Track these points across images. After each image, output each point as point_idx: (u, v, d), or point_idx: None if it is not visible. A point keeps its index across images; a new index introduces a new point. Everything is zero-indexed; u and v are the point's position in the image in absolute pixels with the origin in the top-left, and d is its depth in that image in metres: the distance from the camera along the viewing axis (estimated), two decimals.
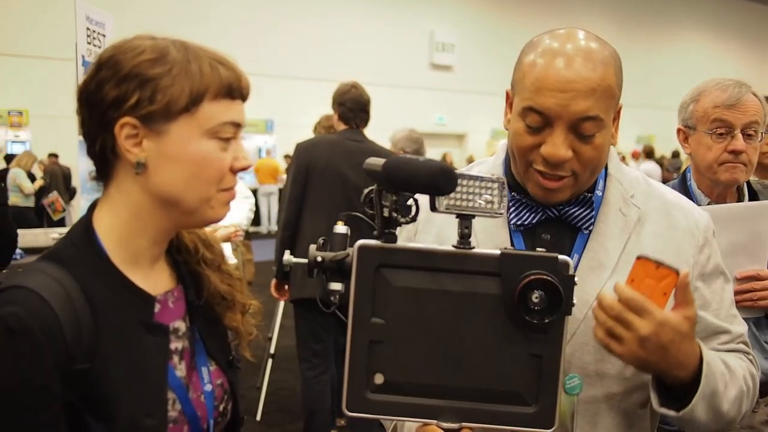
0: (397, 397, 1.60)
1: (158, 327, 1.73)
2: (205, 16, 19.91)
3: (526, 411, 1.61)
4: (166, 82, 1.63)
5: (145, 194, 1.69)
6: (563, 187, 1.91)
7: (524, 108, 1.88)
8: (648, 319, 1.70)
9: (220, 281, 1.95)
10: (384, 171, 1.51)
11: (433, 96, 24.35)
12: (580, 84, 1.82)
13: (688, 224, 2.04)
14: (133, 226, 1.72)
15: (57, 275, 1.60)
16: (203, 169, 1.68)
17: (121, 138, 1.64)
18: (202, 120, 1.66)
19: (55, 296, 1.55)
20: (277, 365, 7.48)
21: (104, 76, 1.65)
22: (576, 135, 1.85)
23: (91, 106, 1.68)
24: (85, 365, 1.56)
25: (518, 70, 1.95)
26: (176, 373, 1.75)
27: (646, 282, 1.72)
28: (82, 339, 1.56)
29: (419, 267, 1.59)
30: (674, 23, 30.38)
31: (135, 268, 1.73)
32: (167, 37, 1.72)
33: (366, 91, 6.05)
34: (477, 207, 1.59)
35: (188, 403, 1.75)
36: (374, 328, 1.59)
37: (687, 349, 1.77)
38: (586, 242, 2.00)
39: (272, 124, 20.75)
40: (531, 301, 1.55)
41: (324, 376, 5.89)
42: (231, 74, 1.72)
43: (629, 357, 1.74)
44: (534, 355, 1.60)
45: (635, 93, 26.79)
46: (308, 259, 1.65)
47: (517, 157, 1.95)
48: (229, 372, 1.93)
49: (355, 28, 23.01)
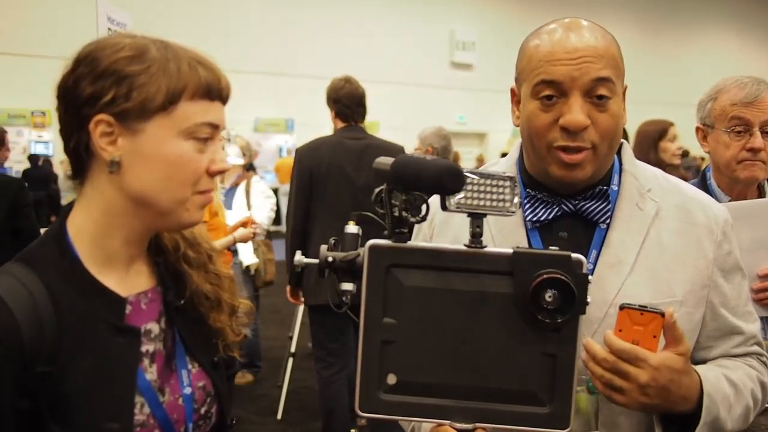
0: (410, 397, 1.59)
1: (128, 329, 1.70)
2: (225, 15, 19.97)
3: (541, 411, 1.59)
4: (143, 79, 1.62)
5: (118, 194, 1.68)
6: (584, 162, 1.90)
7: (536, 84, 1.90)
8: (644, 367, 1.71)
9: (204, 281, 1.92)
10: (393, 170, 1.50)
11: (454, 95, 24.33)
12: (588, 50, 1.87)
13: (707, 219, 2.02)
14: (105, 226, 1.70)
15: (23, 277, 1.60)
16: (178, 170, 1.66)
17: (95, 135, 1.63)
18: (178, 119, 1.65)
19: (16, 298, 1.54)
20: (297, 364, 7.48)
21: (81, 73, 1.64)
22: (591, 102, 1.87)
23: (67, 103, 1.67)
24: (47, 368, 1.54)
25: (522, 59, 1.99)
26: (146, 376, 1.73)
27: (635, 329, 1.73)
28: (44, 341, 1.54)
29: (431, 266, 1.58)
30: (696, 21, 30.23)
31: (108, 269, 1.72)
32: (147, 35, 1.71)
33: (360, 85, 5.95)
34: (488, 205, 1.57)
35: (159, 407, 1.72)
36: (386, 329, 1.58)
37: (687, 383, 1.79)
38: (604, 237, 1.99)
39: (293, 123, 20.78)
40: (544, 300, 1.53)
41: (340, 374, 5.88)
42: (210, 75, 1.70)
43: (633, 405, 1.76)
44: (548, 355, 1.58)
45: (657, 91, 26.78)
46: (319, 259, 1.64)
47: (535, 141, 1.95)
48: (213, 373, 1.90)
49: (375, 27, 23.02)
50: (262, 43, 19.45)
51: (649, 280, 1.94)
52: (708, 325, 2.01)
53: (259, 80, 18.90)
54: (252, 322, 2.03)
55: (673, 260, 1.97)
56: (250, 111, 19.49)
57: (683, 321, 1.92)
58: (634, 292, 1.92)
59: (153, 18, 15.92)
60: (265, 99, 19.13)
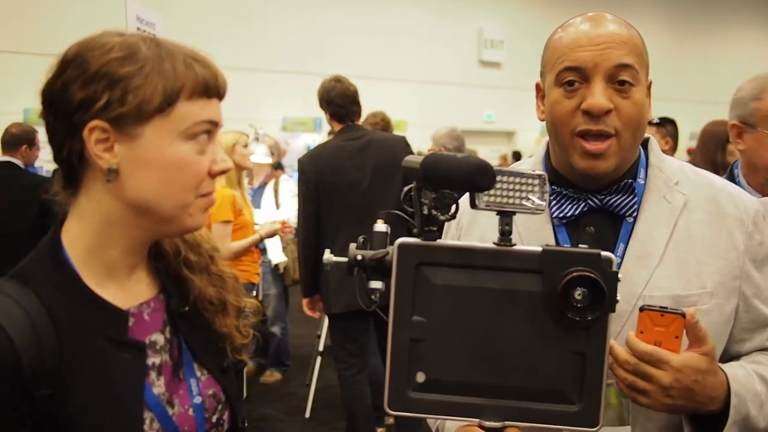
0: (439, 395, 1.59)
1: (132, 344, 1.62)
2: (252, 15, 19.99)
3: (570, 410, 1.59)
4: (138, 81, 1.53)
5: (116, 202, 1.59)
6: (608, 152, 1.91)
7: (559, 71, 1.93)
8: (666, 369, 1.70)
9: (207, 284, 1.85)
10: (422, 169, 1.50)
11: (482, 93, 24.25)
12: (612, 37, 1.91)
13: (737, 211, 2.01)
14: (104, 237, 1.62)
15: (17, 295, 1.51)
16: (180, 174, 1.59)
17: (90, 143, 1.54)
18: (177, 121, 1.57)
19: (11, 320, 1.45)
20: (326, 362, 7.48)
21: (70, 76, 1.54)
22: (614, 87, 1.89)
23: (57, 109, 1.57)
24: (48, 391, 1.46)
25: (547, 52, 2.02)
26: (153, 390, 1.65)
27: (656, 330, 1.71)
28: (45, 363, 1.46)
29: (460, 265, 1.58)
30: (726, 17, 30.02)
31: (108, 281, 1.64)
32: (136, 33, 1.63)
33: (351, 83, 5.86)
34: (517, 203, 1.57)
35: (168, 421, 1.66)
36: (415, 327, 1.58)
37: (713, 383, 1.76)
38: (631, 231, 1.99)
39: (320, 122, 20.77)
40: (573, 298, 1.53)
41: (361, 375, 5.88)
42: (207, 72, 1.62)
43: (658, 407, 1.75)
44: (577, 353, 1.58)
45: (687, 90, 26.63)
46: (348, 257, 1.64)
47: (559, 127, 1.96)
48: (222, 379, 1.83)
49: (403, 26, 23.00)
50: (290, 43, 19.45)
51: (678, 271, 1.94)
52: (741, 317, 1.99)
53: (286, 79, 18.91)
54: (283, 316, 1.97)
55: (702, 252, 1.96)
56: (278, 110, 19.49)
57: (714, 312, 1.93)
58: (663, 284, 1.92)
59: (180, 18, 16.00)
60: (293, 98, 19.11)
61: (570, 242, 1.99)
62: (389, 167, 5.58)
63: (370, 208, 5.46)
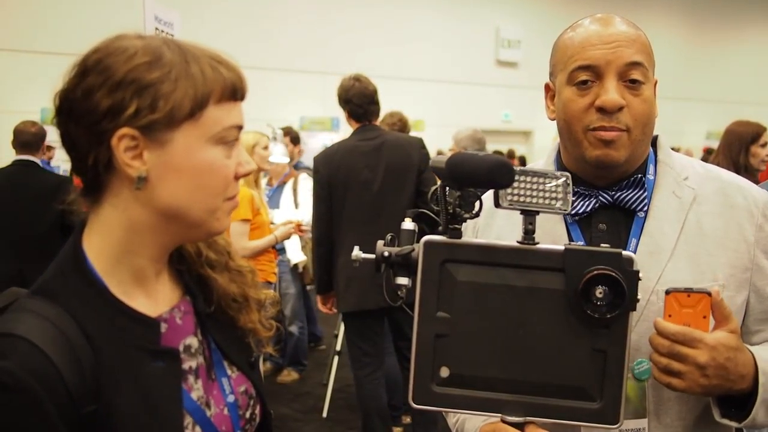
0: (462, 390, 1.63)
1: (166, 352, 1.60)
2: (271, 15, 20.00)
3: (591, 406, 1.62)
4: (167, 87, 1.49)
5: (145, 209, 1.56)
6: (619, 142, 1.94)
7: (572, 70, 1.97)
8: (701, 347, 1.71)
9: (229, 281, 1.84)
10: (447, 167, 1.54)
11: (499, 93, 24.20)
12: (622, 36, 1.95)
13: (746, 203, 2.03)
14: (130, 245, 1.58)
15: (49, 313, 1.47)
16: (210, 179, 1.56)
17: (119, 151, 1.49)
18: (206, 125, 1.54)
19: (48, 340, 1.42)
20: (343, 362, 7.49)
21: (93, 83, 1.49)
22: (625, 84, 1.93)
23: (79, 117, 1.51)
24: (92, 407, 1.44)
25: (556, 52, 2.07)
26: (192, 395, 1.64)
27: (684, 312, 1.73)
28: (86, 380, 1.44)
29: (484, 262, 1.61)
30: (742, 16, 29.85)
31: (135, 288, 1.61)
32: (155, 36, 1.59)
33: (371, 82, 5.80)
34: (540, 203, 1.61)
35: (208, 424, 1.65)
36: (440, 322, 1.62)
37: (743, 360, 1.78)
38: (643, 226, 2.01)
39: (338, 122, 20.76)
40: (594, 296, 1.56)
41: (376, 374, 5.86)
42: (233, 75, 1.60)
43: (694, 388, 1.75)
44: (598, 351, 1.61)
45: (703, 89, 26.52)
46: (375, 254, 1.67)
47: (572, 126, 1.99)
48: (251, 375, 1.83)
49: (420, 26, 22.98)
50: (307, 42, 19.46)
51: (689, 265, 1.96)
52: (754, 309, 2.01)
53: (304, 79, 18.91)
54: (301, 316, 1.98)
55: (713, 244, 1.98)
56: (296, 109, 19.51)
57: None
58: (675, 278, 1.93)
59: (199, 18, 16.03)
60: (310, 98, 19.12)
61: (583, 239, 2.01)
62: (402, 168, 5.58)
63: (380, 209, 5.50)
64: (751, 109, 24.05)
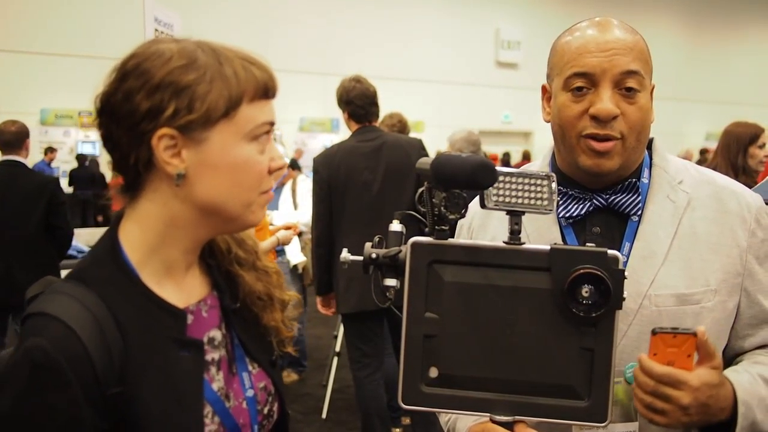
0: (451, 390, 1.63)
1: (191, 342, 1.66)
2: (270, 15, 20.04)
3: (579, 405, 1.63)
4: (203, 88, 1.57)
5: (184, 205, 1.63)
6: (613, 152, 1.94)
7: (568, 77, 1.96)
8: (684, 389, 1.71)
9: (255, 280, 1.90)
10: (432, 169, 1.55)
11: (499, 94, 24.25)
12: (619, 43, 1.94)
13: (739, 208, 2.03)
14: (167, 238, 1.66)
15: (82, 297, 1.55)
16: (245, 174, 1.63)
17: (159, 150, 1.57)
18: (240, 124, 1.61)
19: (81, 322, 1.50)
20: (342, 363, 7.49)
21: (132, 86, 1.57)
22: (620, 93, 1.93)
23: (120, 119, 1.60)
24: (118, 389, 1.51)
25: (554, 56, 2.05)
26: (213, 386, 1.70)
27: (669, 351, 1.72)
28: (113, 363, 1.51)
29: (471, 262, 1.62)
30: (742, 17, 29.86)
31: (166, 279, 1.68)
32: (189, 39, 1.67)
33: (371, 84, 5.81)
34: (526, 203, 1.62)
35: (227, 415, 1.71)
36: (428, 323, 1.63)
37: (724, 395, 1.79)
38: (636, 230, 2.01)
39: (338, 123, 20.80)
40: (580, 295, 1.57)
41: (375, 375, 5.86)
42: (265, 74, 1.67)
43: (675, 425, 1.76)
44: (585, 349, 1.62)
45: (703, 90, 26.53)
46: (363, 255, 1.69)
47: (566, 131, 1.99)
48: (272, 372, 1.89)
49: (420, 27, 23.01)
50: (307, 43, 19.51)
51: (682, 270, 1.96)
52: (745, 313, 2.01)
53: (304, 80, 18.94)
54: (301, 316, 2.01)
55: (706, 249, 1.98)
56: (296, 110, 19.55)
57: (717, 309, 1.96)
58: (668, 283, 1.94)
59: (199, 18, 16.06)
60: (310, 99, 19.16)
61: (577, 242, 2.01)
62: (401, 169, 5.57)
63: (380, 210, 5.50)
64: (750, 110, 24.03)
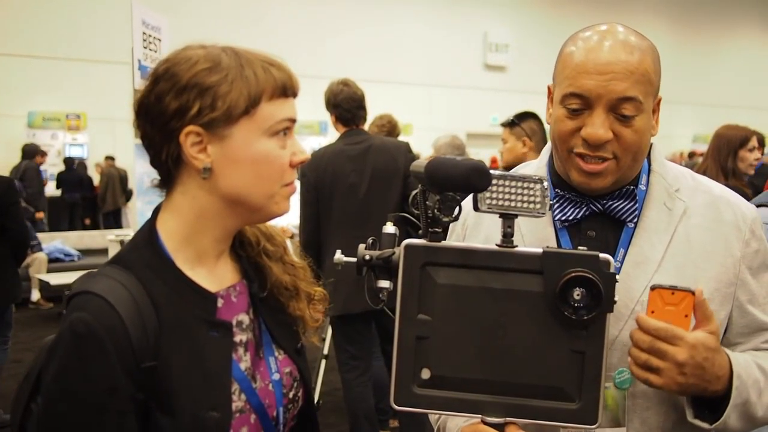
0: (443, 391, 1.64)
1: (220, 324, 1.79)
2: (258, 18, 20.03)
3: (570, 407, 1.64)
4: (225, 88, 1.70)
5: (211, 196, 1.77)
6: (605, 172, 1.94)
7: (564, 94, 1.94)
8: (681, 345, 1.72)
9: (282, 272, 2.02)
10: (426, 172, 1.56)
11: (487, 96, 24.27)
12: (618, 66, 1.88)
13: (734, 218, 2.04)
14: (198, 227, 1.80)
15: (122, 279, 1.69)
16: (267, 168, 1.76)
17: (186, 146, 1.72)
18: (260, 120, 1.74)
19: (120, 300, 1.63)
20: (331, 366, 7.48)
21: (163, 89, 1.72)
22: (616, 117, 1.90)
23: (153, 119, 1.74)
24: (151, 363, 1.64)
25: (558, 64, 2.02)
26: (240, 365, 1.82)
27: (667, 309, 1.74)
28: (148, 339, 1.64)
29: (464, 265, 1.63)
30: (730, 20, 29.97)
31: (199, 266, 1.82)
32: (216, 44, 1.80)
33: (359, 87, 5.83)
34: (519, 206, 1.63)
35: (253, 394, 1.82)
36: (420, 325, 1.64)
37: (720, 362, 1.80)
38: (632, 237, 2.01)
39: (326, 125, 20.80)
40: (572, 297, 1.59)
41: (363, 377, 5.87)
42: (283, 74, 1.79)
43: (670, 385, 1.76)
44: (576, 352, 1.63)
45: (690, 92, 26.58)
46: (357, 257, 1.70)
47: (558, 144, 1.99)
48: (297, 359, 2.01)
49: (409, 29, 23.02)
50: (295, 46, 19.48)
51: (676, 277, 1.95)
52: (736, 323, 2.03)
53: None
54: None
55: (700, 258, 1.99)
56: None
57: None
58: None
59: (187, 21, 16.00)
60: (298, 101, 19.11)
61: (571, 245, 2.01)
62: (388, 172, 5.59)
63: (367, 213, 5.52)
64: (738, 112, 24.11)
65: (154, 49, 6.40)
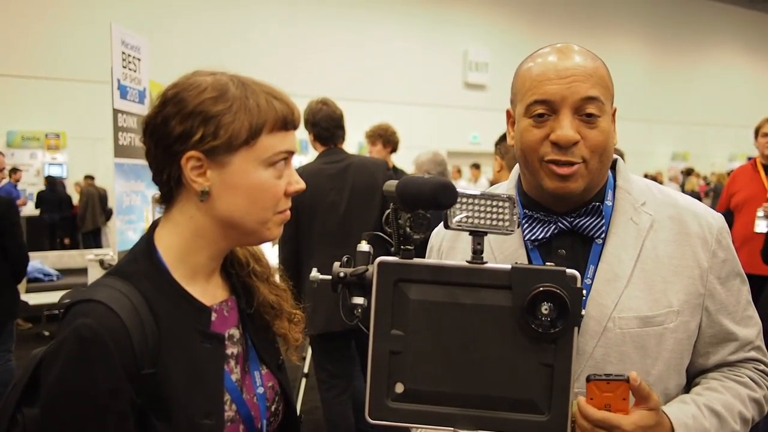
0: (416, 405, 1.67)
1: (214, 336, 1.87)
2: (239, 37, 20.04)
3: (540, 419, 1.66)
4: (228, 118, 1.78)
5: (207, 218, 1.85)
6: (576, 175, 1.98)
7: (529, 104, 1.99)
8: None
9: (268, 292, 2.10)
10: (397, 191, 1.61)
11: (468, 115, 24.32)
12: (578, 70, 1.97)
13: (701, 229, 2.08)
14: (193, 245, 1.88)
15: (123, 289, 1.75)
16: (262, 196, 1.84)
17: (187, 169, 1.80)
18: (260, 151, 1.81)
19: (122, 307, 1.70)
20: (311, 385, 7.47)
21: (170, 112, 1.80)
22: (581, 119, 1.96)
23: (158, 139, 1.83)
24: (151, 370, 1.71)
25: (516, 82, 2.08)
26: (232, 376, 1.90)
27: (605, 396, 1.80)
28: (148, 346, 1.71)
29: (435, 281, 1.67)
30: (706, 39, 30.16)
31: (193, 282, 1.89)
32: (225, 72, 1.88)
33: (338, 106, 5.83)
34: (488, 224, 1.67)
35: (243, 404, 1.90)
36: (394, 340, 1.67)
37: None
38: (600, 253, 2.05)
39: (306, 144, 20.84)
40: (540, 312, 1.62)
41: (343, 396, 5.86)
42: (285, 108, 1.87)
43: None
44: (545, 365, 1.65)
45: (669, 110, 26.74)
46: (332, 274, 1.74)
47: (528, 155, 2.03)
48: (279, 375, 2.08)
49: (390, 48, 23.07)
50: (276, 64, 19.47)
51: (645, 292, 2.00)
52: (705, 332, 2.07)
53: None
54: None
55: (668, 271, 2.03)
56: None
57: (680, 330, 2.01)
58: (631, 305, 1.99)
59: (166, 40, 16.03)
60: None
61: (542, 263, 2.02)
62: (367, 191, 5.61)
63: (347, 231, 5.52)
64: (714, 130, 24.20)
65: (134, 69, 6.41)
